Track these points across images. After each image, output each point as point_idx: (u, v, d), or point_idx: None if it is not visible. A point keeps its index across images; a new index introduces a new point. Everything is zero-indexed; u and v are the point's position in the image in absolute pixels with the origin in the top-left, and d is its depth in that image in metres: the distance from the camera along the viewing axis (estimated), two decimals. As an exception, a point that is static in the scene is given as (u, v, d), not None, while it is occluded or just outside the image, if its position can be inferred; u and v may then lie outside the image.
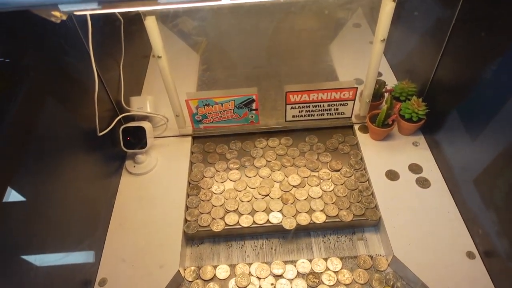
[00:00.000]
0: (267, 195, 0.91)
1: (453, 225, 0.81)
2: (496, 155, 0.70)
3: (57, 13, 0.57)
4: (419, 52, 1.01)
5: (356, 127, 1.04)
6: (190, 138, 1.04)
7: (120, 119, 0.95)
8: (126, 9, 0.78)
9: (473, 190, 0.77)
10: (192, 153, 1.01)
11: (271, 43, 1.25)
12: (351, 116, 1.00)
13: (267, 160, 0.99)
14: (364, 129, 1.02)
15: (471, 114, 0.78)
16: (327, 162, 0.97)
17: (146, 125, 0.95)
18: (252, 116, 0.98)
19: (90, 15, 0.77)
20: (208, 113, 0.97)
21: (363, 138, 1.01)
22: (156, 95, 1.04)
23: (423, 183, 0.89)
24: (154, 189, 0.93)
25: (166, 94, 0.93)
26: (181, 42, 1.31)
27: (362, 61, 1.05)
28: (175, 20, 1.30)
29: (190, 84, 1.18)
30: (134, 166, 0.96)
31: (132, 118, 1.01)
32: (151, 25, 0.79)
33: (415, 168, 0.92)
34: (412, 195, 0.87)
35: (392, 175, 0.91)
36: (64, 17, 0.58)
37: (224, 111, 0.96)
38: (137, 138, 0.95)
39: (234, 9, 1.15)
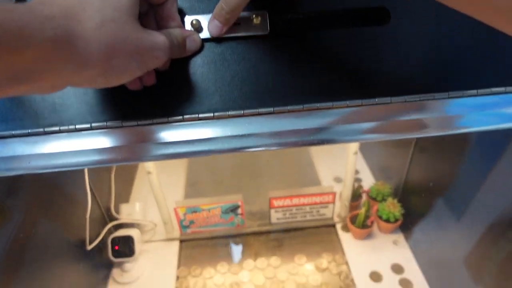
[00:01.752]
0: None
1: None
2: (471, 249, 0.73)
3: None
4: (391, 153, 1.09)
5: (338, 226, 1.08)
6: (178, 242, 1.06)
7: (110, 228, 0.98)
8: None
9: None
10: (177, 277, 0.98)
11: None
12: (332, 217, 1.05)
13: (255, 285, 0.95)
14: (346, 228, 1.07)
15: (442, 211, 0.83)
16: (318, 286, 0.94)
17: (134, 233, 0.97)
18: (238, 220, 1.02)
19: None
20: (196, 219, 1.00)
21: (346, 237, 1.04)
22: (144, 200, 1.08)
23: (407, 285, 0.91)
24: (141, 300, 0.93)
25: (154, 198, 0.97)
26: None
27: (340, 159, 1.12)
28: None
29: (178, 189, 1.20)
30: (122, 275, 0.97)
31: (121, 224, 1.03)
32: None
33: (397, 269, 0.95)
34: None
35: (376, 277, 0.93)
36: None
37: (211, 216, 1.00)
38: (125, 247, 0.96)
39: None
